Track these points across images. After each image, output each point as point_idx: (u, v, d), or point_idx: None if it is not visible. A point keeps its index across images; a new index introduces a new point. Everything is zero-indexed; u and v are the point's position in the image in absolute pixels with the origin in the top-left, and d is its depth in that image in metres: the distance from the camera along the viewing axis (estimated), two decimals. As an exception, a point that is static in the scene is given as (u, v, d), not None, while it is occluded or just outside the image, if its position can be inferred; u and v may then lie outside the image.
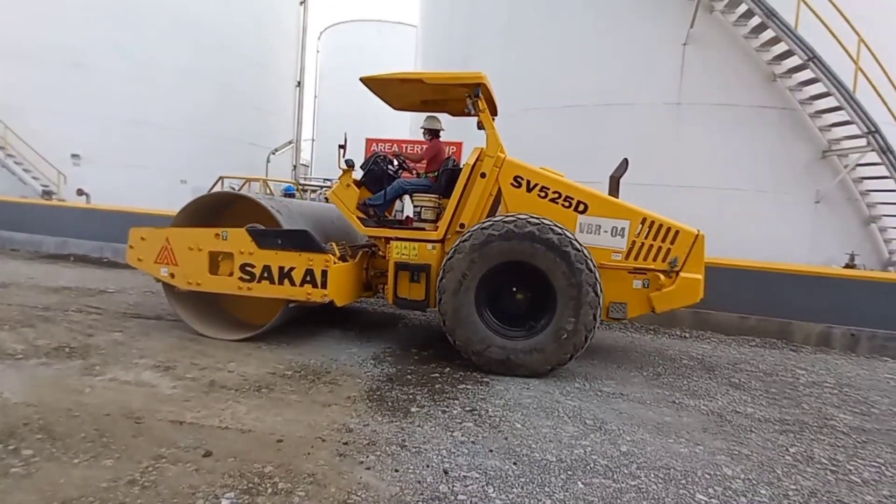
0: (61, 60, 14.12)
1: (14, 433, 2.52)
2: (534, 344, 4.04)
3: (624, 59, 8.42)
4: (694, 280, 4.34)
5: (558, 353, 3.99)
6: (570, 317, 3.95)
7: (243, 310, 5.04)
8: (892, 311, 6.10)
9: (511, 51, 9.64)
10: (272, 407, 3.12)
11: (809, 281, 6.53)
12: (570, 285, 3.95)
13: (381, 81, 4.99)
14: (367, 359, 4.29)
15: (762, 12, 7.16)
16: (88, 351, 3.92)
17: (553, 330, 3.99)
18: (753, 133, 8.05)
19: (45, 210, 10.44)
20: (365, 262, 5.06)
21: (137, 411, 2.90)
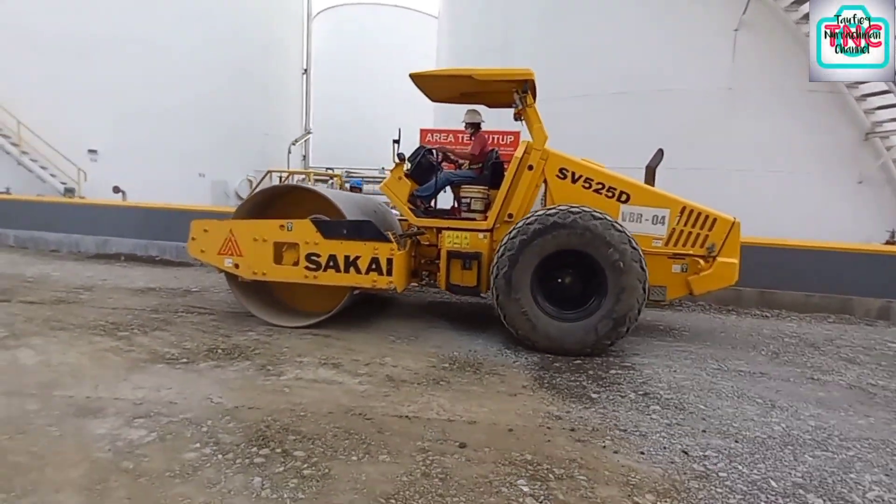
0: (69, 50, 13.61)
1: (265, 436, 2.61)
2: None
3: (674, 45, 8.58)
4: (730, 264, 4.62)
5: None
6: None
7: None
8: (948, 284, 6.53)
9: (553, 37, 9.69)
10: (466, 398, 3.26)
11: (867, 258, 6.90)
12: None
13: (428, 77, 5.24)
14: (500, 349, 4.43)
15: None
16: (242, 352, 3.97)
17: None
18: (800, 116, 8.35)
19: (81, 209, 10.20)
20: (413, 251, 5.20)
21: (355, 408, 3.01)
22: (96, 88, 13.70)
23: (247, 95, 17.04)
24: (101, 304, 5.46)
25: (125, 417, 2.73)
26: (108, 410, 2.80)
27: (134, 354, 3.81)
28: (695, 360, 4.29)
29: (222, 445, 2.47)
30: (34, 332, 4.25)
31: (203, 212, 10.12)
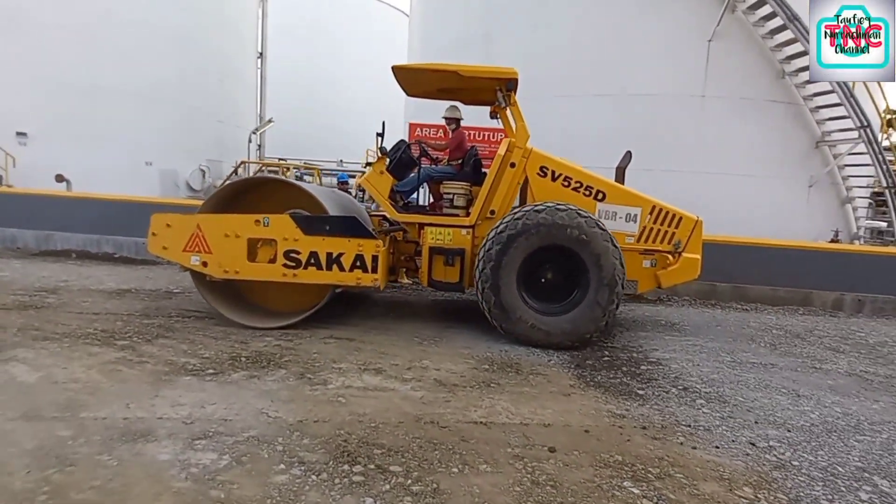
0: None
1: (348, 451, 2.44)
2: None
3: (653, 51, 8.97)
4: (694, 259, 5.00)
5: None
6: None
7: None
8: (888, 278, 7.38)
9: (537, 33, 9.79)
10: (526, 400, 3.24)
11: (822, 255, 7.67)
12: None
13: (411, 71, 5.21)
14: (528, 348, 4.43)
15: (786, 16, 7.99)
16: (270, 360, 3.69)
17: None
18: (762, 124, 9.04)
19: (18, 199, 9.03)
20: (391, 247, 5.18)
21: (423, 416, 2.90)
22: (24, 62, 12.16)
23: (198, 78, 15.76)
24: (77, 308, 4.87)
25: (183, 439, 2.45)
26: (158, 432, 2.50)
27: (150, 366, 3.43)
28: (709, 354, 4.55)
29: (310, 465, 2.29)
30: (16, 344, 3.71)
31: (164, 205, 9.35)
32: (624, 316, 5.94)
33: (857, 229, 9.76)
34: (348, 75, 27.35)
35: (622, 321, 5.68)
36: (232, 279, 4.58)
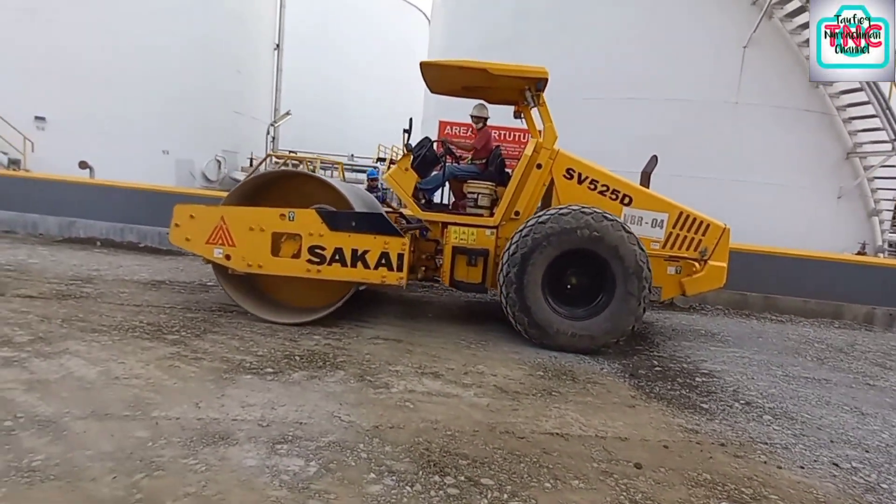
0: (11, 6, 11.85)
1: (433, 461, 2.37)
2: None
3: (686, 56, 8.86)
4: (720, 267, 4.91)
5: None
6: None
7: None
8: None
9: (563, 36, 9.68)
10: (593, 411, 3.17)
11: (855, 269, 7.59)
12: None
13: (438, 67, 5.14)
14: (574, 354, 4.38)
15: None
16: (324, 360, 3.62)
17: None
18: (794, 133, 8.95)
19: (42, 185, 8.95)
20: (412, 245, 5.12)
21: (496, 424, 2.83)
22: (44, 49, 12.05)
23: (216, 68, 15.66)
24: (116, 299, 4.80)
25: (263, 443, 2.38)
26: (236, 435, 2.43)
27: (206, 363, 3.36)
28: (760, 367, 4.48)
29: (400, 475, 2.22)
30: (65, 336, 3.64)
31: (188, 195, 9.28)
32: (661, 324, 5.88)
33: (881, 242, 9.70)
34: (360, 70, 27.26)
35: (662, 329, 5.61)
36: (254, 273, 4.51)
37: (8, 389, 2.72)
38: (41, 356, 3.23)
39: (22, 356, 3.19)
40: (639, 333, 5.36)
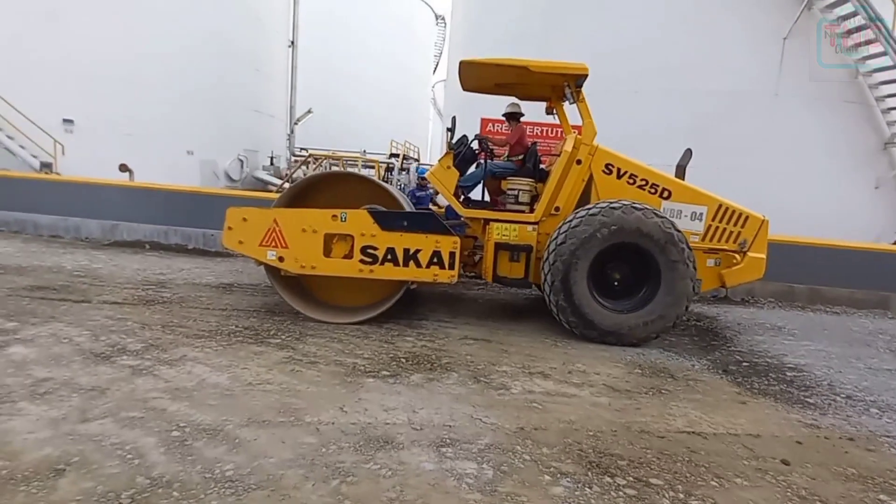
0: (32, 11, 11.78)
1: (596, 462, 2.42)
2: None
3: (725, 47, 8.85)
4: (759, 259, 4.95)
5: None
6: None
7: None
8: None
9: (596, 29, 9.65)
10: (710, 409, 3.22)
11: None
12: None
13: (476, 65, 5.13)
14: (660, 351, 4.44)
15: (867, 16, 7.88)
16: (430, 361, 3.68)
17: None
18: (832, 124, 8.96)
19: (82, 189, 8.95)
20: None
21: (630, 424, 2.89)
22: (70, 53, 12.00)
23: (234, 68, 15.62)
24: (198, 303, 4.85)
25: (427, 447, 2.44)
26: (398, 439, 2.49)
27: (324, 367, 3.42)
28: (841, 360, 4.54)
29: (572, 476, 2.28)
30: (175, 342, 3.69)
31: (228, 197, 9.31)
32: (724, 318, 5.93)
33: (918, 232, 9.74)
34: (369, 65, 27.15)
35: (728, 324, 5.67)
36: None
37: (154, 399, 2.77)
38: (164, 363, 3.28)
39: (146, 364, 3.25)
40: (707, 328, 5.43)
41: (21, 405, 2.58)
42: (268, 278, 4.74)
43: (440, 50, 36.10)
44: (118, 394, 2.79)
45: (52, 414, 2.51)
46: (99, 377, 2.99)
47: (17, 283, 5.03)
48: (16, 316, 4.01)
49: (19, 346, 3.38)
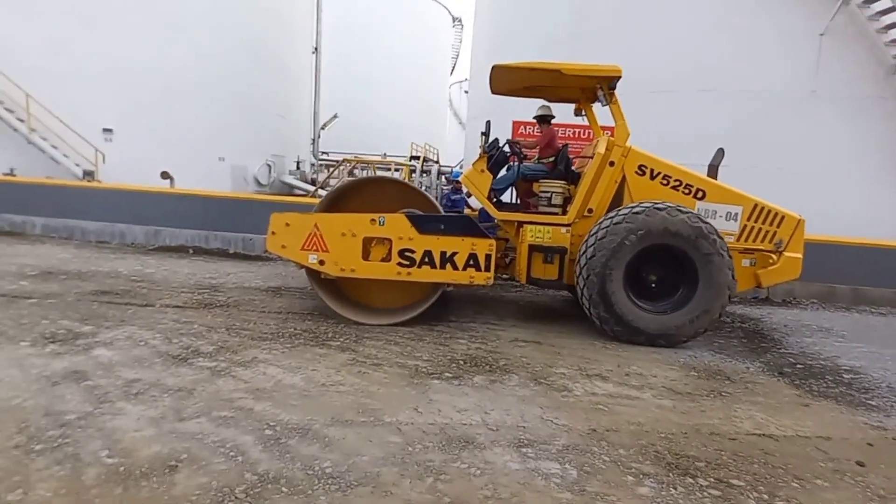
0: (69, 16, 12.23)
1: (675, 464, 2.47)
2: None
3: (760, 45, 8.74)
4: (796, 259, 4.89)
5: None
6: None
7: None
8: None
9: (628, 31, 9.62)
10: (774, 411, 3.24)
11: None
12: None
13: (508, 68, 5.17)
14: (712, 353, 4.45)
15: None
16: (488, 364, 3.77)
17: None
18: (870, 122, 8.75)
19: (126, 196, 9.30)
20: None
21: (699, 426, 2.93)
22: (107, 59, 12.44)
23: (261, 74, 15.96)
24: (253, 307, 5.02)
25: (508, 447, 2.52)
26: (478, 439, 2.58)
27: (388, 369, 3.53)
28: (895, 362, 4.49)
29: (655, 477, 2.33)
30: (242, 345, 3.85)
31: (264, 202, 9.55)
32: (768, 320, 5.89)
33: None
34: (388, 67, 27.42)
35: (774, 326, 5.62)
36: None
37: (239, 399, 2.91)
38: (238, 365, 3.43)
39: (222, 366, 3.40)
40: (754, 330, 5.40)
41: (119, 405, 2.74)
42: (308, 281, 4.89)
43: (457, 52, 36.32)
44: (205, 394, 2.94)
45: (150, 413, 2.66)
46: (182, 378, 3.15)
47: (82, 288, 5.28)
48: (90, 319, 4.23)
49: (102, 348, 3.57)
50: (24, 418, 2.50)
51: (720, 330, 5.33)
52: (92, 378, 3.05)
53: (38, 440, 2.32)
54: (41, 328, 3.92)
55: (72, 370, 3.15)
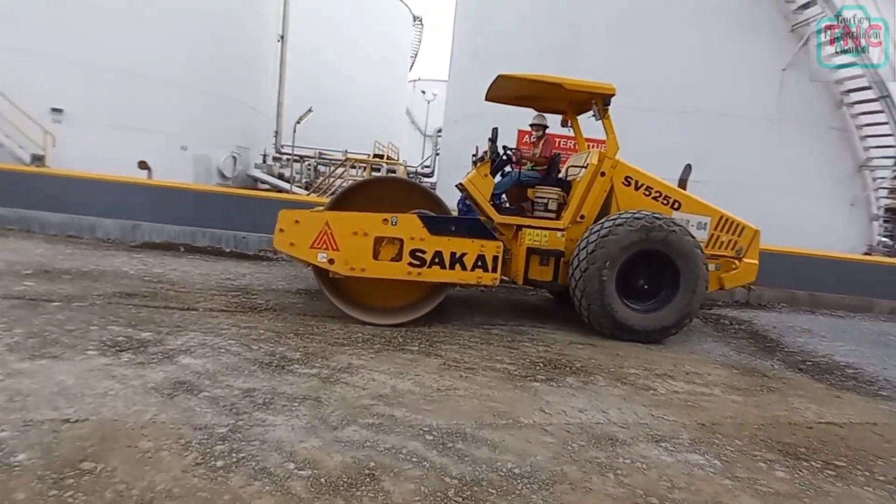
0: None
1: (784, 451, 2.84)
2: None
3: (734, 74, 9.77)
4: (753, 264, 5.69)
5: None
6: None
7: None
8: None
9: (620, 48, 10.30)
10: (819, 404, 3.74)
11: (881, 268, 8.82)
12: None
13: (510, 78, 5.43)
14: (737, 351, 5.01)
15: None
16: (565, 366, 4.01)
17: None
18: (818, 148, 10.12)
19: (97, 186, 8.45)
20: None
21: (779, 417, 3.35)
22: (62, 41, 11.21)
23: (227, 62, 15.10)
24: (301, 311, 4.90)
25: (647, 442, 2.77)
26: (617, 436, 2.80)
27: (482, 372, 3.64)
28: (877, 358, 5.27)
29: (778, 462, 2.68)
30: (324, 350, 3.78)
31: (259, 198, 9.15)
32: (757, 322, 6.63)
33: (875, 243, 11.17)
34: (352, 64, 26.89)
35: (766, 327, 6.36)
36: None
37: (372, 406, 2.90)
38: (340, 371, 3.38)
39: (324, 372, 3.34)
40: (753, 332, 6.08)
41: (257, 415, 2.64)
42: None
43: (416, 51, 36.30)
44: (333, 402, 2.90)
45: (297, 423, 2.60)
46: (297, 386, 3.07)
47: (100, 290, 4.82)
48: (140, 325, 3.92)
49: (185, 356, 3.36)
50: (176, 434, 2.36)
51: (726, 332, 5.98)
52: (205, 388, 2.89)
53: (212, 456, 2.21)
54: (94, 335, 3.59)
55: (175, 380, 2.96)
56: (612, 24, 10.35)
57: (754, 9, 9.71)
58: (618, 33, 10.27)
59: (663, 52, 10.00)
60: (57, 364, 3.03)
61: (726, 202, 5.99)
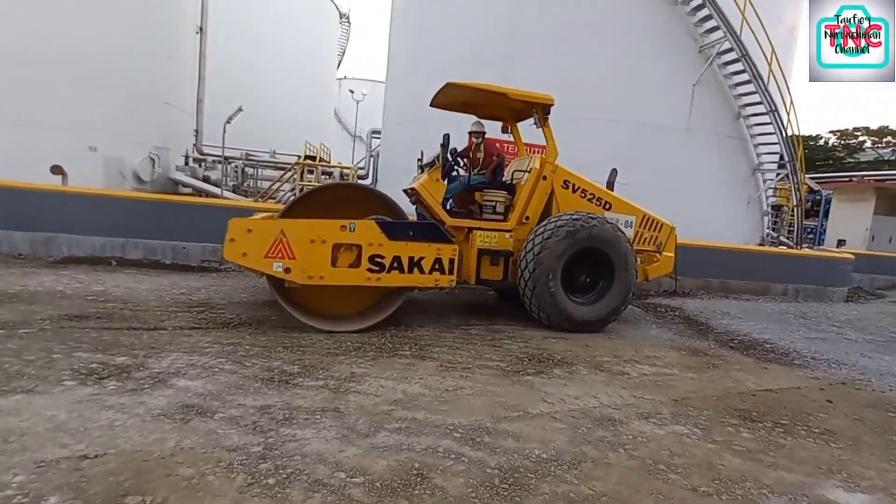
0: None
1: (746, 416, 3.37)
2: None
3: (654, 89, 10.88)
4: (670, 257, 6.66)
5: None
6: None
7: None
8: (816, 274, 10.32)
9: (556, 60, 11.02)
10: (753, 375, 4.44)
11: (772, 257, 10.38)
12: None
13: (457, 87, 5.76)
14: (680, 336, 5.70)
15: (751, 73, 10.48)
16: (558, 360, 4.34)
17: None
18: (721, 154, 11.60)
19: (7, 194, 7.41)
20: None
21: (729, 389, 3.93)
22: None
23: (140, 53, 13.81)
24: (279, 324, 4.74)
25: (640, 419, 3.16)
26: (615, 416, 3.15)
27: (479, 371, 3.85)
28: (783, 334, 6.28)
29: (741, 425, 3.20)
30: (320, 362, 3.76)
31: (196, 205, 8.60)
32: (687, 308, 7.54)
33: (765, 236, 13.08)
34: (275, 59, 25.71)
35: (694, 312, 7.25)
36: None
37: (392, 411, 2.99)
38: (346, 381, 3.41)
39: (330, 383, 3.35)
40: (686, 317, 6.92)
41: (285, 431, 2.62)
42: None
43: (343, 49, 35.50)
44: (353, 411, 2.94)
45: (327, 434, 2.63)
46: (309, 399, 3.06)
47: (45, 314, 4.31)
48: (109, 350, 3.61)
49: (179, 379, 3.18)
50: (212, 457, 2.29)
51: (665, 318, 6.74)
52: (217, 410, 2.79)
53: (260, 474, 2.19)
54: (62, 364, 3.27)
55: (180, 404, 2.82)
56: (549, 36, 11.05)
57: (672, 31, 10.90)
58: (554, 46, 10.99)
59: (595, 65, 10.87)
60: (36, 398, 2.75)
61: (648, 202, 6.77)
